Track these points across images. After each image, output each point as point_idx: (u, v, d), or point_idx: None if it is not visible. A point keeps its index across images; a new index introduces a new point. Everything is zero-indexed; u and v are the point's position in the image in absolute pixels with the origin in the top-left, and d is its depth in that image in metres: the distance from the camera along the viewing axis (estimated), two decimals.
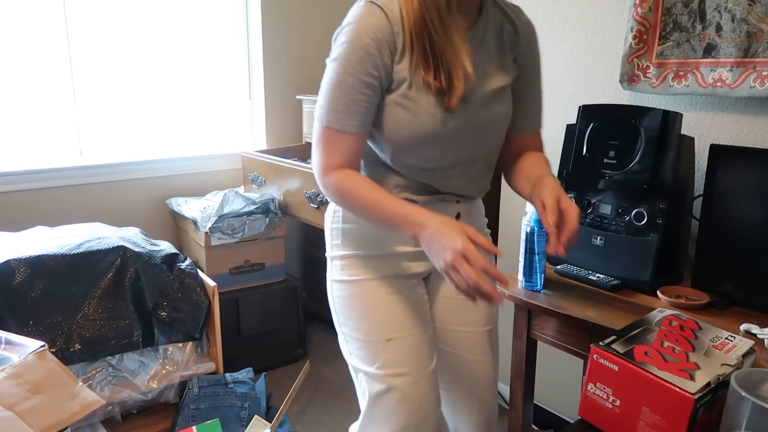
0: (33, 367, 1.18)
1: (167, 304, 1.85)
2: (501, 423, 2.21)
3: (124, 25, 2.43)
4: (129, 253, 1.82)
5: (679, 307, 1.36)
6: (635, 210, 1.51)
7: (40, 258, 1.70)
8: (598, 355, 0.88)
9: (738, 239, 1.37)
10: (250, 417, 1.87)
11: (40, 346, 1.22)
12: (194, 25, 2.62)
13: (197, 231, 2.33)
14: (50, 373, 1.19)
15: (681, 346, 0.89)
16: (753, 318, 1.31)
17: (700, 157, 1.60)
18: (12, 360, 1.18)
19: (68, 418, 1.15)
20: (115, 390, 1.77)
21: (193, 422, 1.80)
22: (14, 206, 2.24)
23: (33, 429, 1.06)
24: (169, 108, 2.63)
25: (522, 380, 1.62)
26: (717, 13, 1.47)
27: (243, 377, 1.96)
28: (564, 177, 1.67)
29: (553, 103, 1.96)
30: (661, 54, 1.60)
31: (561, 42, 1.90)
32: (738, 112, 1.54)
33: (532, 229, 1.50)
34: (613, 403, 0.86)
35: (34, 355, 1.20)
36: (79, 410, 1.17)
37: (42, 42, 2.26)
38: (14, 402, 1.08)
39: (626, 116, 1.51)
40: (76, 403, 1.18)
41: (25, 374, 1.15)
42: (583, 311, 1.38)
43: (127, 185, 2.49)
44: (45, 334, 1.67)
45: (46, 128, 2.34)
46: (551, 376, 2.13)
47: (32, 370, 1.17)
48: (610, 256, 1.55)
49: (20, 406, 1.09)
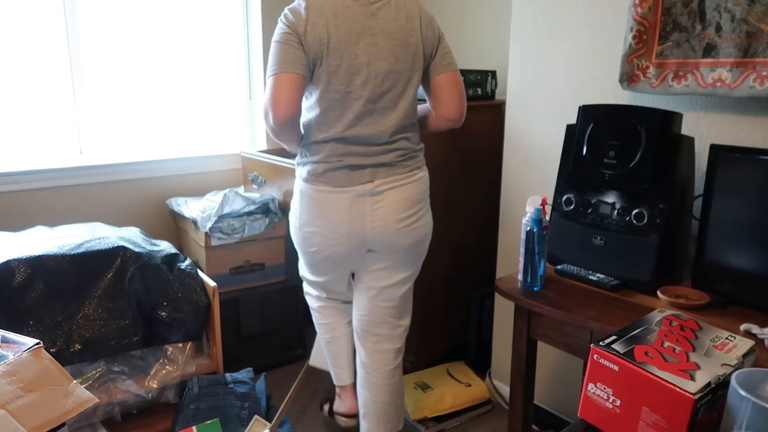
0: (27, 364, 1.18)
1: (167, 304, 1.85)
2: (501, 423, 2.21)
3: (125, 25, 2.43)
4: (129, 253, 1.82)
5: (679, 307, 1.36)
6: (635, 210, 1.51)
7: (40, 258, 1.70)
8: (598, 355, 0.88)
9: (738, 239, 1.37)
10: (250, 417, 1.87)
11: (35, 344, 1.22)
12: (194, 25, 2.62)
13: (197, 231, 2.33)
14: (44, 371, 1.19)
15: (681, 346, 0.89)
16: (753, 318, 1.31)
17: (700, 157, 1.60)
18: (7, 357, 1.18)
19: (61, 416, 1.15)
20: (115, 390, 1.77)
21: (193, 422, 1.80)
22: (14, 206, 2.24)
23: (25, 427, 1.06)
24: (169, 108, 2.63)
25: (522, 380, 1.62)
26: (717, 13, 1.47)
27: (243, 377, 1.96)
28: (564, 177, 1.67)
29: (553, 103, 1.96)
30: (661, 54, 1.60)
31: (561, 42, 1.90)
32: (738, 112, 1.54)
33: (531, 229, 1.50)
34: (614, 403, 0.86)
35: (28, 352, 1.20)
36: (72, 408, 1.17)
37: (42, 42, 2.26)
38: (7, 400, 1.08)
39: (626, 116, 1.51)
40: (69, 402, 1.18)
41: (19, 372, 1.15)
42: (583, 311, 1.38)
43: (127, 185, 2.49)
44: (45, 334, 1.67)
45: (46, 128, 2.34)
46: (551, 376, 2.13)
47: (26, 367, 1.17)
48: (610, 256, 1.55)
49: (13, 404, 1.08)
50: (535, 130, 2.03)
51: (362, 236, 1.63)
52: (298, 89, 1.50)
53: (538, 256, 1.51)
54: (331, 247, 1.65)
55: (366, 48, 1.52)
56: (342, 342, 1.97)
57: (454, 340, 2.57)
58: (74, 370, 1.73)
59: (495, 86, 2.40)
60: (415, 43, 1.57)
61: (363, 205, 1.60)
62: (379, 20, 1.54)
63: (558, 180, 1.69)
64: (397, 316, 1.80)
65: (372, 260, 1.71)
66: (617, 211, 1.55)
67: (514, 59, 2.07)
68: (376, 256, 1.70)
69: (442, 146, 2.29)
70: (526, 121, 2.06)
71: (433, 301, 2.44)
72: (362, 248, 1.67)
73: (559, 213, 1.67)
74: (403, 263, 1.72)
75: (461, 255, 2.49)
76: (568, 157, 1.65)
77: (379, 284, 1.74)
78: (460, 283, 2.53)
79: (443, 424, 2.15)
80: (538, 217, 1.51)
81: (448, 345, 2.56)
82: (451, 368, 2.40)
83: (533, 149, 2.05)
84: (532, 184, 2.08)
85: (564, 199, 1.65)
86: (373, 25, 1.53)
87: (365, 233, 1.62)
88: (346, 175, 1.58)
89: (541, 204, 1.53)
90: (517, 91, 2.07)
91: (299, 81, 1.50)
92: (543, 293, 1.51)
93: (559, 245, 1.67)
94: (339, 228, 1.61)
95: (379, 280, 1.74)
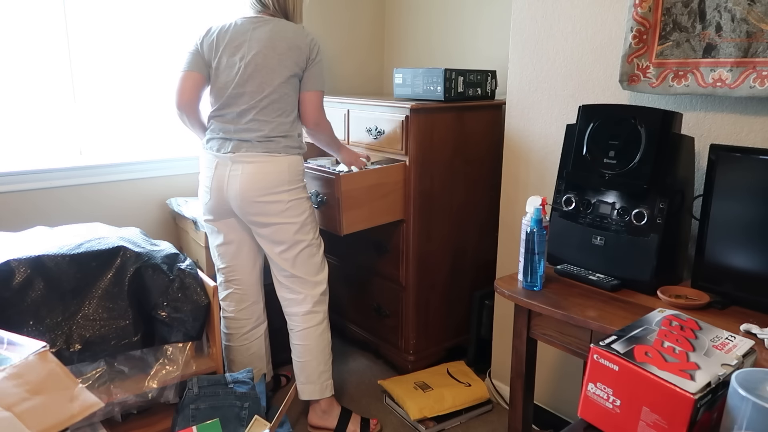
0: (33, 367, 1.18)
1: (167, 304, 1.85)
2: (501, 423, 2.21)
3: (124, 25, 2.43)
4: (129, 253, 1.82)
5: (679, 307, 1.36)
6: (635, 210, 1.51)
7: (40, 258, 1.70)
8: (598, 355, 0.88)
9: (738, 239, 1.37)
10: (250, 417, 1.87)
11: (41, 347, 1.22)
12: (194, 25, 2.62)
13: (197, 231, 2.33)
14: (50, 374, 1.19)
15: (681, 346, 0.89)
16: (753, 318, 1.31)
17: (700, 157, 1.60)
18: (12, 360, 1.17)
19: (67, 420, 1.15)
20: (115, 390, 1.77)
21: (193, 422, 1.80)
22: (14, 206, 2.24)
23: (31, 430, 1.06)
24: (170, 108, 2.62)
25: (522, 380, 1.62)
26: (717, 13, 1.47)
27: (243, 377, 1.96)
28: (564, 177, 1.67)
29: (553, 103, 1.96)
30: (661, 54, 1.60)
31: (561, 42, 1.90)
32: (738, 112, 1.54)
33: (531, 229, 1.50)
34: (613, 403, 0.86)
35: (35, 355, 1.20)
36: (78, 412, 1.17)
37: (42, 42, 2.26)
38: (13, 402, 1.08)
39: (626, 116, 1.52)
40: (75, 405, 1.18)
41: (25, 375, 1.15)
42: (583, 311, 1.38)
43: (127, 185, 2.49)
44: (45, 334, 1.67)
45: (46, 128, 2.34)
46: (551, 376, 2.13)
47: (32, 370, 1.17)
48: (610, 256, 1.55)
49: (19, 406, 1.08)
50: (535, 130, 2.03)
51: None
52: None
53: (538, 256, 1.51)
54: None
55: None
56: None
57: (454, 340, 2.57)
58: (74, 370, 1.73)
59: (495, 86, 2.40)
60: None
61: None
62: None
63: (558, 180, 1.69)
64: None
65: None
66: (617, 211, 1.55)
67: (514, 59, 2.07)
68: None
69: (442, 146, 2.29)
70: (526, 121, 2.06)
71: (433, 301, 2.44)
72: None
73: (559, 213, 1.67)
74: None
75: (461, 255, 2.49)
76: (568, 157, 1.65)
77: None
78: (460, 283, 2.53)
79: (443, 424, 2.15)
80: (538, 217, 1.51)
81: (448, 345, 2.56)
82: (451, 368, 2.40)
83: (533, 149, 2.05)
84: (532, 184, 2.08)
85: (564, 199, 1.66)
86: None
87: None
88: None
89: (541, 204, 1.53)
90: (517, 91, 2.07)
91: None
92: (543, 293, 1.51)
93: (559, 245, 1.67)
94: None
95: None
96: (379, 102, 2.31)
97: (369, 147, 2.39)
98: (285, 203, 1.92)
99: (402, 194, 2.27)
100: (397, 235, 2.33)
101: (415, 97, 2.34)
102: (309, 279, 2.04)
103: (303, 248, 1.99)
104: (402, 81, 2.38)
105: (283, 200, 1.91)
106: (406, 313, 2.38)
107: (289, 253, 1.99)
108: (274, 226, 1.94)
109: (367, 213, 2.18)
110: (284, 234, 1.95)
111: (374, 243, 2.44)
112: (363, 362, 2.64)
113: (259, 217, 1.94)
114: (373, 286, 2.52)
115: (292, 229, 1.95)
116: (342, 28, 2.98)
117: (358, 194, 2.13)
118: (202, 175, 2.02)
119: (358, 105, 2.43)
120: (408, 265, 2.33)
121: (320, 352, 2.07)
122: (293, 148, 1.94)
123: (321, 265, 2.07)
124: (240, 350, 2.18)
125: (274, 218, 1.93)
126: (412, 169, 2.23)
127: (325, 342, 2.09)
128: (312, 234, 2.02)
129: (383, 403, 2.31)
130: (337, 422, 2.09)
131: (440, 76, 2.21)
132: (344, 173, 2.10)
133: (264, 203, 1.91)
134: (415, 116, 2.18)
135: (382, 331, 2.53)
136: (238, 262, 2.12)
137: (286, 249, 1.98)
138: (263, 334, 2.21)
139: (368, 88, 3.16)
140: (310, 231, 2.00)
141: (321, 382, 2.08)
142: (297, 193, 1.95)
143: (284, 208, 1.92)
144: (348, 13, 2.99)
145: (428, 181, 2.29)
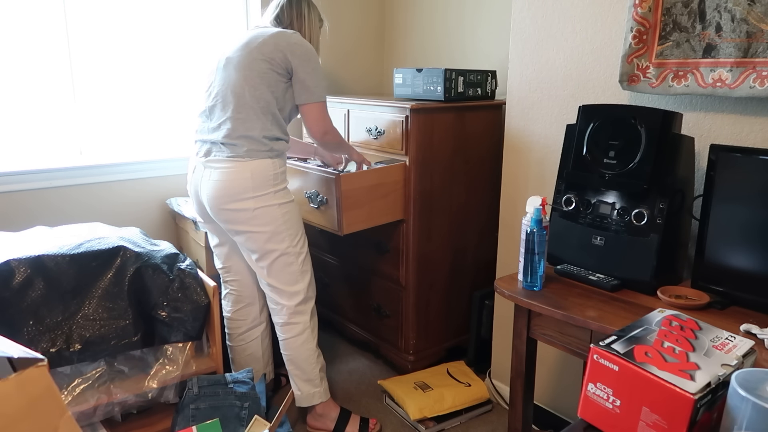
0: (8, 396, 0.84)
1: (167, 304, 1.85)
2: (501, 423, 2.21)
3: (125, 25, 2.43)
4: (129, 253, 1.82)
5: (679, 307, 1.36)
6: (635, 210, 1.51)
7: (40, 258, 1.70)
8: (598, 355, 0.88)
9: (738, 239, 1.37)
10: (250, 417, 1.87)
11: (38, 360, 0.93)
12: (194, 25, 2.62)
13: (197, 231, 2.33)
14: (33, 402, 0.85)
15: (681, 346, 0.89)
16: (753, 318, 1.31)
17: (700, 157, 1.60)
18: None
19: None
20: (115, 390, 1.77)
21: (193, 422, 1.80)
22: (14, 206, 2.24)
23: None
24: (170, 108, 2.63)
25: (522, 380, 1.62)
26: (717, 13, 1.47)
27: (243, 377, 1.95)
28: (564, 177, 1.67)
29: (553, 103, 1.96)
30: (661, 54, 1.60)
31: (561, 42, 1.90)
32: (738, 112, 1.54)
33: (532, 229, 1.50)
34: (613, 403, 0.86)
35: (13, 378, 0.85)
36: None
37: (42, 42, 2.26)
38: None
39: (626, 116, 1.52)
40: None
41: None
42: (583, 311, 1.38)
43: (127, 185, 2.49)
44: (45, 334, 1.67)
45: (46, 128, 2.34)
46: (551, 376, 2.13)
47: (7, 400, 0.83)
48: (610, 256, 1.55)
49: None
50: (535, 130, 2.03)
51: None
52: None
53: (538, 257, 1.51)
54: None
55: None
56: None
57: (454, 340, 2.57)
58: (74, 370, 1.73)
59: (495, 86, 2.40)
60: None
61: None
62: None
63: (558, 180, 1.69)
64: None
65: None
66: (617, 211, 1.55)
67: (514, 59, 2.07)
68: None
69: (442, 146, 2.29)
70: (526, 121, 2.06)
71: (433, 301, 2.44)
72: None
73: (559, 213, 1.67)
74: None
75: (461, 255, 2.49)
76: (568, 157, 1.65)
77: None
78: (460, 283, 2.53)
79: (443, 424, 2.15)
80: (538, 217, 1.51)
81: (448, 345, 2.56)
82: (451, 368, 2.40)
83: (533, 149, 2.05)
84: (532, 184, 2.08)
85: (564, 199, 1.66)
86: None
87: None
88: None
89: (541, 204, 1.53)
90: (517, 91, 2.07)
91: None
92: (543, 293, 1.51)
93: (559, 245, 1.67)
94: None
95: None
96: (379, 102, 2.31)
97: (369, 147, 2.39)
98: (251, 211, 1.84)
99: (402, 194, 2.27)
100: (397, 235, 2.34)
101: (415, 97, 2.34)
102: (285, 289, 1.97)
103: (276, 258, 1.92)
104: (402, 81, 2.38)
105: (249, 208, 1.84)
106: (406, 313, 2.38)
107: (262, 262, 1.93)
108: (245, 234, 1.89)
109: (367, 213, 2.18)
110: (254, 243, 1.90)
111: (374, 243, 2.44)
112: (363, 362, 2.64)
113: (230, 225, 1.89)
114: (373, 286, 2.52)
115: (262, 238, 1.88)
116: (342, 28, 2.98)
117: (358, 194, 2.13)
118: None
119: (358, 105, 2.43)
120: (408, 265, 2.33)
121: (303, 361, 2.03)
122: (260, 151, 1.83)
123: (299, 275, 1.97)
124: (237, 350, 2.18)
125: (242, 226, 1.88)
126: (412, 169, 2.23)
127: (307, 352, 2.03)
128: (287, 242, 1.91)
129: (383, 403, 2.31)
130: (335, 424, 2.08)
131: (440, 76, 2.21)
132: (344, 173, 2.10)
133: (230, 211, 1.85)
134: (415, 116, 2.18)
135: (382, 331, 2.53)
136: (232, 264, 2.11)
137: (259, 258, 1.93)
138: (260, 335, 2.19)
139: (368, 88, 3.16)
140: (284, 239, 1.90)
141: (307, 391, 2.06)
142: (266, 200, 1.85)
143: (250, 216, 1.85)
144: (348, 14, 2.99)
145: (428, 181, 2.29)
